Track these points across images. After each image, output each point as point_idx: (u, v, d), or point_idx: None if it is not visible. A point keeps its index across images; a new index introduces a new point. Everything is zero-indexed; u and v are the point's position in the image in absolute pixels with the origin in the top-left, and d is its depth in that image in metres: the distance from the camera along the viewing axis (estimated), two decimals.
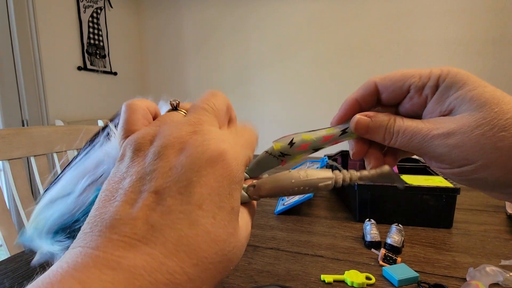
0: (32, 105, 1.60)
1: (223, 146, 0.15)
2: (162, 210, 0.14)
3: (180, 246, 0.13)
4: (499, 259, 0.38)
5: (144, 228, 0.13)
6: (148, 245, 0.13)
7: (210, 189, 0.14)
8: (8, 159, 0.68)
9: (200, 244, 0.14)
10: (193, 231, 0.14)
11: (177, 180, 0.14)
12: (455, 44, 1.73)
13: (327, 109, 2.02)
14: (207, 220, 0.14)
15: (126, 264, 0.12)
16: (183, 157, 0.15)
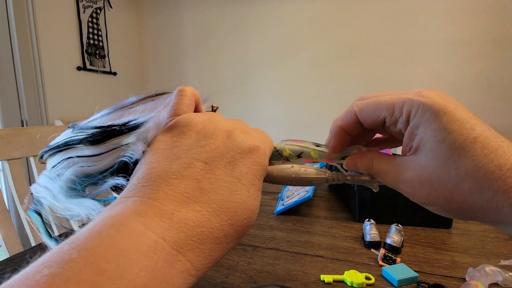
0: (32, 105, 1.60)
1: (258, 142, 0.20)
2: (210, 177, 0.17)
3: (222, 208, 0.16)
4: (498, 259, 0.38)
5: (195, 189, 0.16)
6: (197, 203, 0.16)
7: (248, 169, 0.18)
8: (8, 159, 0.68)
9: (237, 209, 0.17)
10: (232, 198, 0.17)
11: (224, 156, 0.18)
12: (455, 44, 1.74)
13: (327, 109, 2.02)
14: (244, 192, 0.17)
15: (179, 216, 0.15)
16: (230, 140, 0.19)
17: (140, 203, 0.15)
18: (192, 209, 0.15)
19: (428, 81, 1.80)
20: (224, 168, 0.18)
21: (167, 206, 0.15)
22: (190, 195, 0.16)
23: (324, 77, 2.01)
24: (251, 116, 2.21)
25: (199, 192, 0.16)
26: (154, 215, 0.14)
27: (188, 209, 0.15)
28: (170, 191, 0.16)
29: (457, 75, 1.75)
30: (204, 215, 0.16)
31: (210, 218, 0.16)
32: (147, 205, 0.15)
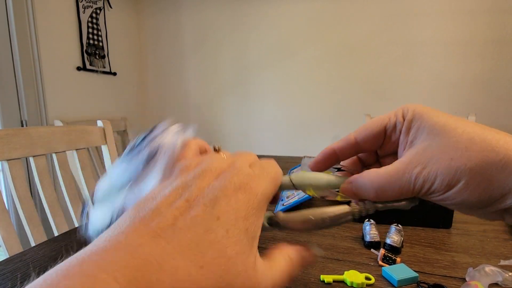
0: (31, 106, 1.60)
1: (249, 180, 0.18)
2: (187, 215, 0.15)
3: (191, 245, 0.14)
4: (498, 259, 0.38)
5: (168, 225, 0.15)
6: (166, 239, 0.14)
7: (230, 207, 0.16)
8: (7, 160, 0.68)
9: (208, 249, 0.14)
10: (205, 237, 0.15)
11: (207, 195, 0.17)
12: (455, 44, 1.74)
13: (327, 110, 2.02)
14: (221, 230, 0.15)
15: (142, 252, 0.13)
16: (217, 181, 0.17)
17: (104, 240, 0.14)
18: (158, 245, 0.14)
19: (428, 81, 1.80)
20: (204, 206, 0.16)
21: (133, 241, 0.14)
22: (162, 230, 0.14)
23: (323, 78, 2.01)
24: (251, 117, 2.21)
25: (172, 228, 0.15)
26: (114, 251, 0.13)
27: (153, 245, 0.14)
28: (143, 226, 0.15)
29: (457, 75, 1.76)
30: (170, 253, 0.14)
31: (175, 257, 0.14)
32: (110, 241, 0.14)
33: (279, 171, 0.21)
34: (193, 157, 0.21)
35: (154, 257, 0.13)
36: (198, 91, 2.32)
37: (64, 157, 0.82)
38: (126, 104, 2.28)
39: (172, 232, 0.14)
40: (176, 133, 0.25)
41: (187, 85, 2.34)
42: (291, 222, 0.20)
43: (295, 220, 0.20)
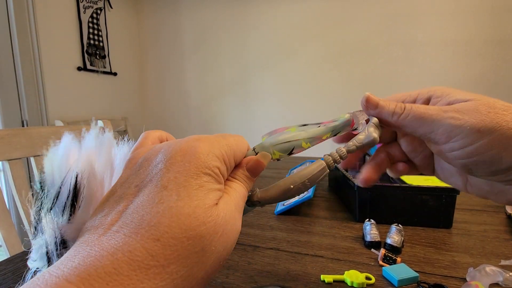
0: (32, 106, 1.60)
1: (195, 142, 0.17)
2: (136, 200, 0.15)
3: (141, 224, 0.14)
4: (499, 259, 0.38)
5: (117, 217, 0.15)
6: (116, 230, 0.14)
7: (177, 172, 0.16)
8: (8, 160, 0.68)
9: (161, 219, 0.14)
10: (155, 209, 0.14)
11: (151, 172, 0.16)
12: (455, 44, 1.74)
13: (326, 109, 2.02)
14: (171, 197, 0.15)
15: (96, 249, 0.13)
16: (160, 154, 0.17)
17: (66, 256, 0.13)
18: (109, 237, 0.13)
19: (429, 81, 1.80)
20: (150, 183, 0.15)
21: (88, 238, 0.14)
22: (113, 226, 0.14)
23: (323, 78, 2.01)
24: (250, 116, 2.21)
25: (121, 217, 0.14)
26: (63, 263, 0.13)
27: (105, 238, 0.13)
28: (94, 229, 0.14)
29: (457, 75, 1.75)
30: (120, 238, 0.13)
31: (126, 241, 0.13)
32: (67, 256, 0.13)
33: (236, 139, 0.20)
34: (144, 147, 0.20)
35: (105, 250, 0.13)
36: (198, 91, 2.32)
37: None
38: (126, 104, 2.28)
39: (122, 221, 0.14)
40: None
41: (187, 85, 2.34)
42: (271, 198, 0.20)
43: (276, 194, 0.20)
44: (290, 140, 0.21)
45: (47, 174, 0.20)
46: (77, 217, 0.18)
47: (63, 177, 0.19)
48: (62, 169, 0.19)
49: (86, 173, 0.19)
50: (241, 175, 0.20)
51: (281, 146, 0.21)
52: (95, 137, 0.22)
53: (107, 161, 0.21)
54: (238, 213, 0.18)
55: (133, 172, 0.17)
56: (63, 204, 0.18)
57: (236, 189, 0.19)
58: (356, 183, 0.51)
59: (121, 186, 0.17)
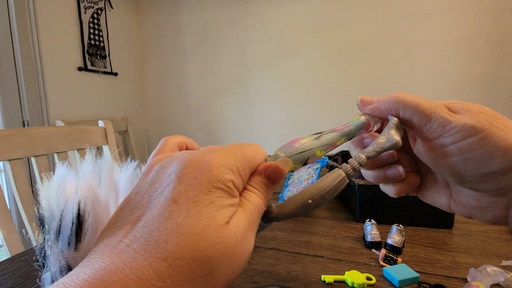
0: (33, 106, 1.60)
1: (209, 154, 0.16)
2: (148, 212, 0.15)
3: (150, 240, 0.13)
4: (500, 260, 0.37)
5: (130, 228, 0.14)
6: (127, 244, 0.13)
7: (188, 185, 0.15)
8: (9, 160, 0.68)
9: (169, 237, 0.13)
10: (164, 225, 0.13)
11: (163, 183, 0.16)
12: (455, 44, 1.73)
13: (327, 109, 2.02)
14: (180, 213, 0.14)
15: (107, 262, 0.13)
16: (174, 164, 0.16)
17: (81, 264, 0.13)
18: (119, 251, 0.13)
19: (429, 81, 1.80)
20: (161, 195, 0.15)
21: (96, 259, 0.13)
22: (125, 238, 0.14)
23: (323, 78, 2.01)
24: (251, 117, 2.21)
25: (131, 231, 0.14)
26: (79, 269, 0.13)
27: (115, 253, 0.13)
28: (110, 240, 0.14)
29: (458, 75, 1.75)
30: (130, 254, 0.13)
31: (135, 257, 0.13)
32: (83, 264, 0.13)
33: (253, 149, 0.19)
34: (163, 155, 0.20)
35: (115, 265, 0.12)
36: (198, 91, 2.32)
37: (65, 157, 0.83)
38: (127, 104, 2.28)
39: (132, 234, 0.14)
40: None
41: (187, 85, 2.34)
42: (289, 214, 0.19)
43: (293, 210, 0.19)
44: (303, 150, 0.20)
45: (45, 210, 0.19)
46: (84, 244, 0.18)
47: (62, 209, 0.18)
48: (60, 201, 0.19)
49: (90, 200, 0.19)
50: (258, 182, 0.18)
51: (295, 157, 0.20)
52: (92, 163, 0.22)
53: (110, 185, 0.21)
54: (252, 231, 0.17)
55: (148, 181, 0.17)
56: (68, 235, 0.18)
57: (252, 202, 0.17)
58: (356, 183, 0.51)
59: (136, 195, 0.16)
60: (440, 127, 0.20)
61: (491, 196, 0.21)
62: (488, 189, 0.20)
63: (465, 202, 0.23)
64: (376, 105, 0.23)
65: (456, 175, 0.21)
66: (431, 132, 0.20)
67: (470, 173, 0.20)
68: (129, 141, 2.12)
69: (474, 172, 0.20)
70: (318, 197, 0.18)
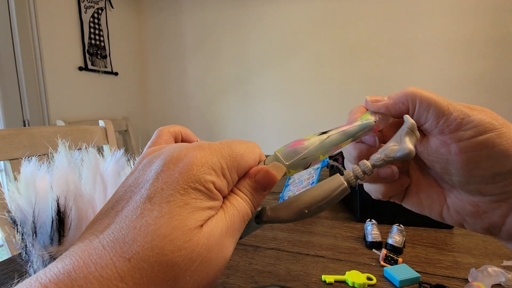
0: (33, 106, 1.60)
1: (193, 150, 0.15)
2: (126, 207, 0.14)
3: (117, 238, 0.13)
4: (501, 260, 0.37)
5: (106, 226, 0.14)
6: (99, 238, 0.13)
7: (164, 183, 0.14)
8: (9, 159, 0.68)
9: (136, 236, 0.12)
10: (134, 223, 0.13)
11: (144, 179, 0.15)
12: (456, 44, 1.73)
13: (327, 109, 2.02)
14: (151, 212, 0.13)
15: (77, 257, 0.12)
16: (160, 158, 0.15)
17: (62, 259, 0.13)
18: (92, 248, 0.13)
19: (429, 81, 1.80)
20: (141, 189, 0.14)
21: (81, 242, 0.13)
22: (101, 233, 0.13)
23: (324, 77, 2.01)
24: (251, 116, 2.21)
25: (106, 225, 0.14)
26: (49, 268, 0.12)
27: (86, 249, 0.13)
28: (89, 235, 0.14)
29: (458, 75, 1.75)
30: (98, 249, 0.12)
31: (102, 254, 0.12)
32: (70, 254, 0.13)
33: (245, 148, 0.17)
34: (156, 146, 0.19)
35: (82, 259, 0.12)
36: (199, 90, 2.32)
37: None
38: (127, 104, 2.28)
39: (105, 229, 0.13)
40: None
41: (188, 85, 2.34)
42: (283, 219, 0.18)
43: (287, 216, 0.18)
44: (306, 156, 0.18)
45: (15, 212, 0.19)
46: (69, 239, 0.18)
47: (33, 208, 0.18)
48: (30, 200, 0.18)
49: (70, 194, 0.18)
50: (247, 186, 0.17)
51: (298, 163, 0.18)
52: (66, 156, 0.21)
53: (95, 177, 0.20)
54: (231, 237, 0.15)
55: (135, 175, 0.16)
56: (48, 231, 0.17)
57: (236, 206, 0.16)
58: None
59: (121, 189, 0.16)
60: (458, 119, 0.19)
61: (492, 201, 0.20)
62: (494, 192, 0.19)
63: (460, 208, 0.22)
64: (389, 101, 0.21)
65: (466, 174, 0.20)
66: (449, 124, 0.19)
67: (481, 172, 0.19)
68: (129, 141, 2.12)
69: (486, 171, 0.19)
70: (314, 207, 0.17)
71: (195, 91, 2.33)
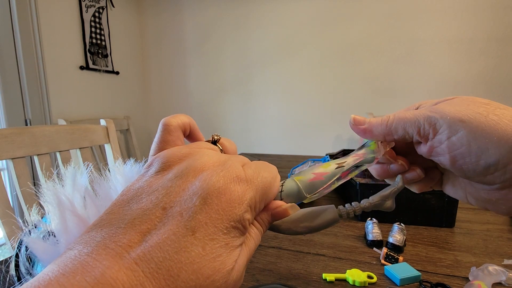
0: (35, 105, 1.61)
1: (232, 184, 0.15)
2: (160, 229, 0.14)
3: (161, 268, 0.13)
4: (501, 258, 0.37)
5: (138, 243, 0.13)
6: (135, 261, 0.13)
7: (208, 218, 0.14)
8: (12, 158, 0.69)
9: (180, 272, 0.13)
10: (178, 257, 0.13)
11: (183, 201, 0.14)
12: (458, 42, 1.72)
13: (329, 108, 2.02)
14: (196, 248, 0.13)
15: (109, 276, 0.12)
16: (198, 181, 0.15)
17: (73, 259, 0.12)
18: (127, 267, 0.12)
19: (431, 79, 1.79)
20: (179, 216, 0.14)
21: (100, 263, 0.12)
22: (132, 250, 0.13)
23: (326, 76, 2.00)
24: (253, 115, 2.21)
25: (142, 246, 0.13)
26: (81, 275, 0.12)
27: (122, 267, 0.12)
28: (112, 243, 0.13)
29: (460, 73, 1.74)
30: (138, 276, 0.12)
31: (143, 281, 0.12)
32: (78, 261, 0.12)
33: (271, 179, 0.18)
34: (177, 147, 0.18)
35: (121, 283, 0.12)
36: (200, 89, 2.32)
37: (67, 156, 0.83)
38: (128, 103, 2.29)
39: (141, 251, 0.13)
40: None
41: (189, 84, 2.34)
42: (274, 228, 0.21)
43: (279, 230, 0.21)
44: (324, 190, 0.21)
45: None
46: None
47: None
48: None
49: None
50: (265, 219, 0.18)
51: (313, 196, 0.21)
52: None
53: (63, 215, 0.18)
54: (245, 267, 0.17)
55: (164, 184, 0.15)
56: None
57: (255, 238, 0.17)
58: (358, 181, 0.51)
59: (146, 196, 0.15)
60: (431, 127, 0.20)
61: (499, 189, 0.20)
62: (497, 181, 0.19)
63: (476, 195, 0.22)
64: (368, 126, 0.23)
65: (460, 170, 0.20)
66: (426, 133, 0.20)
67: (471, 167, 0.19)
68: (131, 140, 2.12)
69: (475, 166, 0.19)
70: (306, 229, 0.21)
71: (196, 90, 2.33)
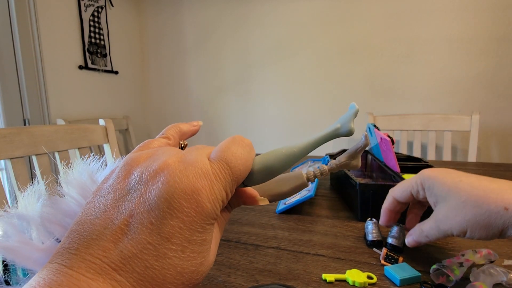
0: (34, 104, 1.60)
1: (200, 183, 0.15)
2: (133, 237, 0.13)
3: (145, 276, 0.13)
4: (502, 259, 0.37)
5: (115, 254, 0.13)
6: (117, 271, 0.13)
7: (182, 222, 0.14)
8: (10, 158, 0.68)
9: (165, 276, 0.13)
10: (159, 263, 0.13)
11: (150, 208, 0.14)
12: (458, 42, 1.72)
13: (329, 108, 2.02)
14: (175, 253, 0.14)
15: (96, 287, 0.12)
16: (160, 183, 0.14)
17: (55, 272, 0.12)
18: (111, 279, 0.12)
19: (431, 79, 1.79)
20: (150, 224, 0.14)
21: (83, 276, 0.12)
22: (109, 260, 0.13)
23: (326, 76, 2.00)
24: (253, 115, 2.21)
25: (119, 257, 0.13)
26: (66, 286, 0.12)
27: (105, 279, 0.12)
28: (89, 255, 0.13)
29: (460, 73, 1.74)
30: (125, 286, 0.13)
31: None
32: (61, 274, 0.12)
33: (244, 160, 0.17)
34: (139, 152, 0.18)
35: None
36: (200, 89, 2.32)
37: (66, 156, 0.83)
38: (128, 103, 2.28)
39: (120, 261, 0.13)
40: None
41: (189, 84, 2.34)
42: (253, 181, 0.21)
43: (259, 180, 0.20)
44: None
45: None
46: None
47: None
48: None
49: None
50: (236, 203, 0.19)
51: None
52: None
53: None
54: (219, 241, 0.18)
55: (125, 189, 0.15)
56: None
57: (226, 219, 0.19)
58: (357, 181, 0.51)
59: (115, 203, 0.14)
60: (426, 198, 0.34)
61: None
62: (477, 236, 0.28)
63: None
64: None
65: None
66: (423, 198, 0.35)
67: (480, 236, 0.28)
68: (130, 140, 2.12)
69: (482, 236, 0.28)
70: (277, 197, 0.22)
71: (196, 90, 2.33)
